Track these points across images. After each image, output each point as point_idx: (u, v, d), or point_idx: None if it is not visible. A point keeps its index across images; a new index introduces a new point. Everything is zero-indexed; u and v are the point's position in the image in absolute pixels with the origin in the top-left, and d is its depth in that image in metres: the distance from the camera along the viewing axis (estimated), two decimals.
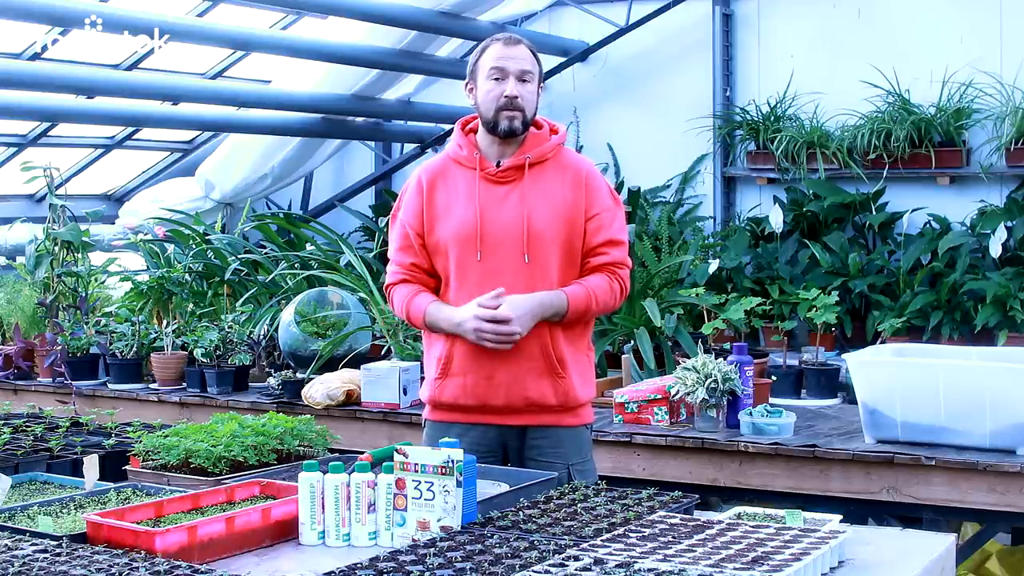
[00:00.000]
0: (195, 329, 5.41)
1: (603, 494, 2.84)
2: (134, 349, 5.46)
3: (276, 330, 5.32)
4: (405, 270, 3.39)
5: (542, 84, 3.39)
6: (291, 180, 8.62)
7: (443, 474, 2.57)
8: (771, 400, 4.48)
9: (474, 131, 3.40)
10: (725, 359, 4.20)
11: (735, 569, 2.19)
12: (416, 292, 3.37)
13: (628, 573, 2.17)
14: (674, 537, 2.43)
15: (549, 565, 2.23)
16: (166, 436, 3.18)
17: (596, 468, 3.49)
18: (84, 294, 5.90)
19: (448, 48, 7.90)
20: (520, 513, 2.64)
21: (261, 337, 5.44)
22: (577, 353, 3.37)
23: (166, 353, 5.36)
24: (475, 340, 3.21)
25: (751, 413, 4.13)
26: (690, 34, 7.81)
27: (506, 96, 3.26)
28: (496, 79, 3.29)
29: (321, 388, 4.76)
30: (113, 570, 2.23)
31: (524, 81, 3.30)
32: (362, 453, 2.99)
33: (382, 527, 2.63)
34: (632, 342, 5.03)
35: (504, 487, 2.93)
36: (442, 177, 3.37)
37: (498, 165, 3.32)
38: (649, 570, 2.19)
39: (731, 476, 4.06)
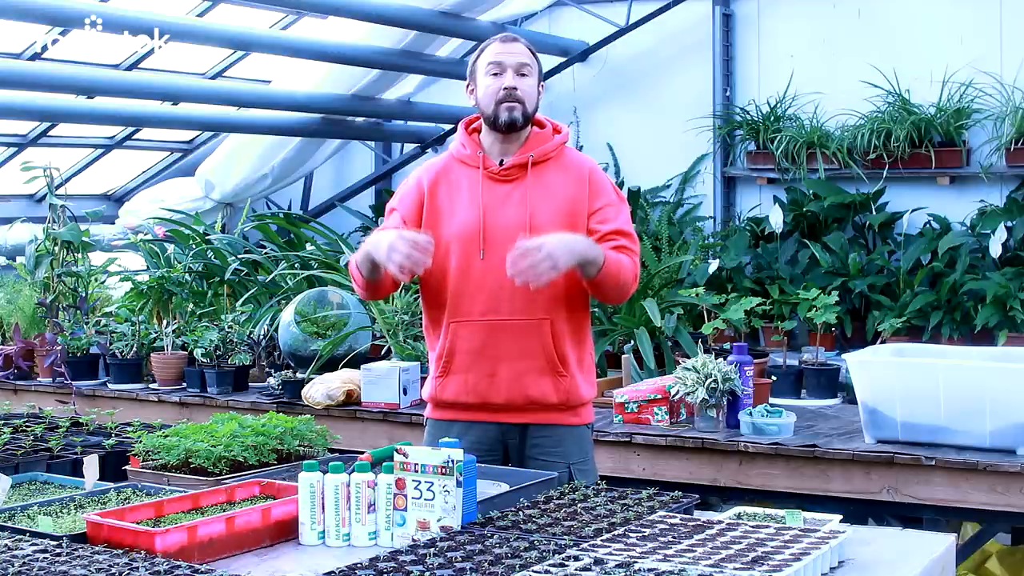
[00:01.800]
0: (195, 329, 5.41)
1: (603, 494, 2.84)
2: (134, 349, 5.46)
3: (276, 330, 5.32)
4: None
5: (542, 84, 3.39)
6: (291, 180, 8.62)
7: (443, 474, 2.56)
8: (771, 400, 4.48)
9: (478, 131, 3.40)
10: (725, 359, 4.20)
11: (735, 569, 2.19)
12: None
13: (628, 573, 2.17)
14: (674, 537, 2.43)
15: (549, 565, 2.23)
16: (166, 436, 3.17)
17: (597, 468, 3.49)
18: (84, 294, 5.90)
19: (448, 48, 7.90)
20: (520, 513, 2.64)
21: (261, 337, 5.44)
22: (578, 352, 3.36)
23: (166, 353, 5.36)
24: (385, 256, 3.03)
25: (751, 413, 4.13)
26: (690, 34, 7.81)
27: (504, 88, 3.26)
28: (494, 74, 3.29)
29: (321, 388, 4.76)
30: (113, 570, 2.23)
31: (522, 75, 3.29)
32: (362, 453, 2.99)
33: (382, 527, 2.63)
34: (632, 342, 5.03)
35: (504, 487, 2.92)
36: (445, 176, 3.37)
37: (501, 164, 3.33)
38: (649, 570, 2.19)
39: (731, 476, 4.06)
